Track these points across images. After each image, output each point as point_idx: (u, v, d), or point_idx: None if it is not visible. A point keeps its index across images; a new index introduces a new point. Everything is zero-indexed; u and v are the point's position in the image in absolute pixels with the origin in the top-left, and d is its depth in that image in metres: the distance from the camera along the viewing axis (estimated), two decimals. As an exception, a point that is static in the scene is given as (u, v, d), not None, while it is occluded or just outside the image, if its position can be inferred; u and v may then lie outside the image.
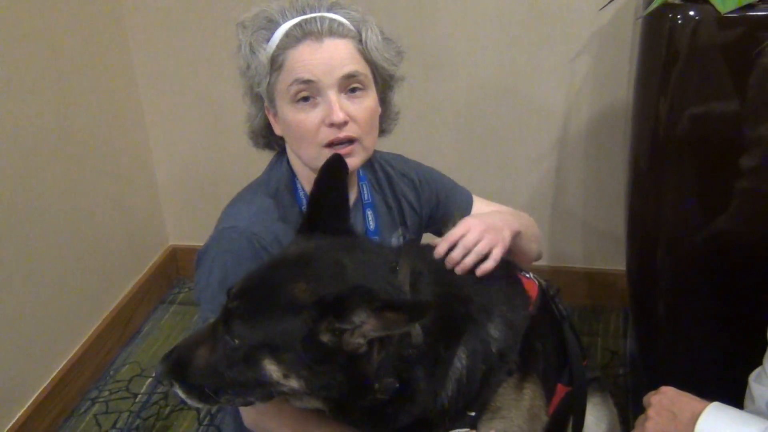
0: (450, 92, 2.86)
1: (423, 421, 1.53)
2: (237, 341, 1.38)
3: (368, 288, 1.37)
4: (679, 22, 1.88)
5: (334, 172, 1.56)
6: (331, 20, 1.63)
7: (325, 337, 1.34)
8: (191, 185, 3.29)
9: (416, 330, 1.44)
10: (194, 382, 1.43)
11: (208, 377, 1.42)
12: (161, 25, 2.99)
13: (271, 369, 1.37)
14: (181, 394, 1.45)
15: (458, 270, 1.63)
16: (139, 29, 3.01)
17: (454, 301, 1.56)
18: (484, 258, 1.65)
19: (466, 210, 1.94)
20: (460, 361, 1.53)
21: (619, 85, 2.63)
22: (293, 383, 1.38)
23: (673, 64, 1.93)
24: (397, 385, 1.44)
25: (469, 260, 1.63)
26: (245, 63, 1.70)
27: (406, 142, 1.95)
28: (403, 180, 1.90)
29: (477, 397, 1.58)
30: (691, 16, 1.86)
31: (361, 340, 1.34)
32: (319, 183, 1.55)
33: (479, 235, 1.65)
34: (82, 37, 2.78)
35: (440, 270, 1.61)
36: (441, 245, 1.64)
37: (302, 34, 1.62)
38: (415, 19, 2.75)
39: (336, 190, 1.56)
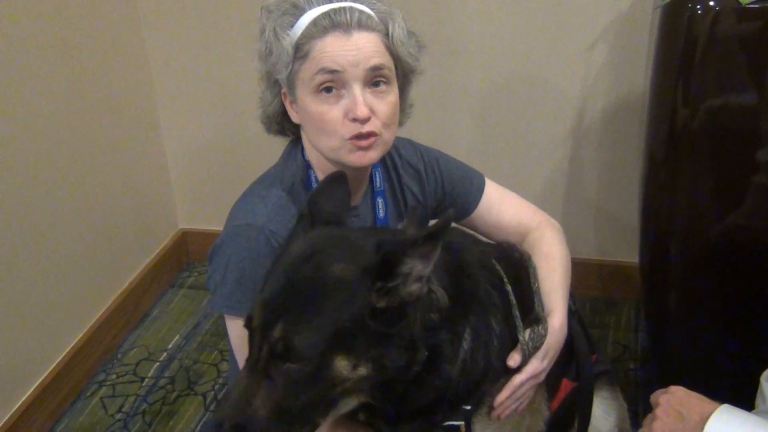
0: (465, 80, 2.83)
1: (427, 408, 1.51)
2: (304, 360, 1.31)
3: (394, 239, 1.39)
4: (699, 12, 1.85)
5: (334, 183, 1.56)
6: (360, 12, 1.60)
7: (382, 302, 1.34)
8: (202, 169, 3.28)
9: (441, 291, 1.44)
10: None
11: (277, 421, 1.34)
12: (173, 7, 2.97)
13: (342, 366, 1.33)
14: None
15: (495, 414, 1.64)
16: (152, 11, 3.00)
17: (463, 275, 1.55)
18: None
19: (474, 200, 1.91)
20: (466, 342, 1.53)
21: (636, 75, 2.60)
22: (362, 371, 1.35)
23: (691, 54, 1.90)
24: (426, 353, 1.42)
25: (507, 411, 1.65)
26: (267, 48, 1.66)
27: (421, 130, 1.93)
28: (408, 170, 1.87)
29: (475, 390, 1.57)
30: (710, 6, 1.83)
31: (419, 283, 1.35)
32: (319, 187, 1.55)
33: (537, 380, 1.67)
34: (94, 21, 2.77)
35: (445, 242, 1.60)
36: (504, 392, 1.62)
37: (331, 24, 1.58)
38: (431, 6, 2.73)
39: (335, 194, 1.56)
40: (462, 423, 1.55)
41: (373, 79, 1.61)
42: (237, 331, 1.68)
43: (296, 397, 1.34)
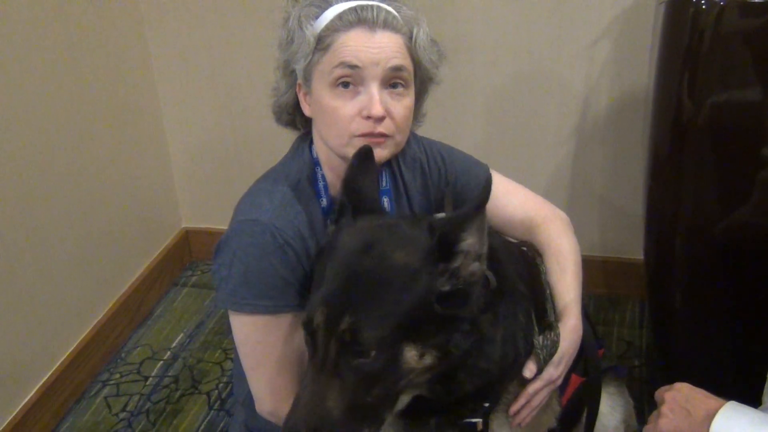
0: (469, 77, 2.82)
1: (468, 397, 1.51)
2: (373, 352, 1.31)
3: (445, 219, 1.41)
4: (703, 7, 1.84)
5: (364, 161, 1.54)
6: (387, 12, 1.60)
7: (447, 286, 1.35)
8: (205, 168, 3.28)
9: (489, 272, 1.44)
10: None
11: (351, 420, 1.33)
12: (176, 6, 2.96)
13: (410, 355, 1.34)
14: None
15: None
16: (154, 11, 2.99)
17: (492, 258, 1.51)
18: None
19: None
20: (501, 328, 1.52)
21: (640, 71, 2.59)
22: (428, 360, 1.36)
23: (695, 50, 1.89)
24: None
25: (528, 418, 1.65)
26: (289, 37, 1.66)
27: (426, 127, 1.91)
28: (411, 165, 1.86)
29: (499, 384, 1.57)
30: (715, 1, 1.82)
31: (478, 262, 1.36)
32: (351, 169, 1.53)
33: (553, 386, 1.67)
34: (97, 21, 2.76)
35: None
36: (520, 400, 1.62)
37: (356, 20, 1.58)
38: (435, 4, 2.71)
39: (367, 177, 1.55)
40: (479, 420, 1.55)
41: (392, 80, 1.61)
42: (242, 328, 1.68)
43: (368, 393, 1.33)
